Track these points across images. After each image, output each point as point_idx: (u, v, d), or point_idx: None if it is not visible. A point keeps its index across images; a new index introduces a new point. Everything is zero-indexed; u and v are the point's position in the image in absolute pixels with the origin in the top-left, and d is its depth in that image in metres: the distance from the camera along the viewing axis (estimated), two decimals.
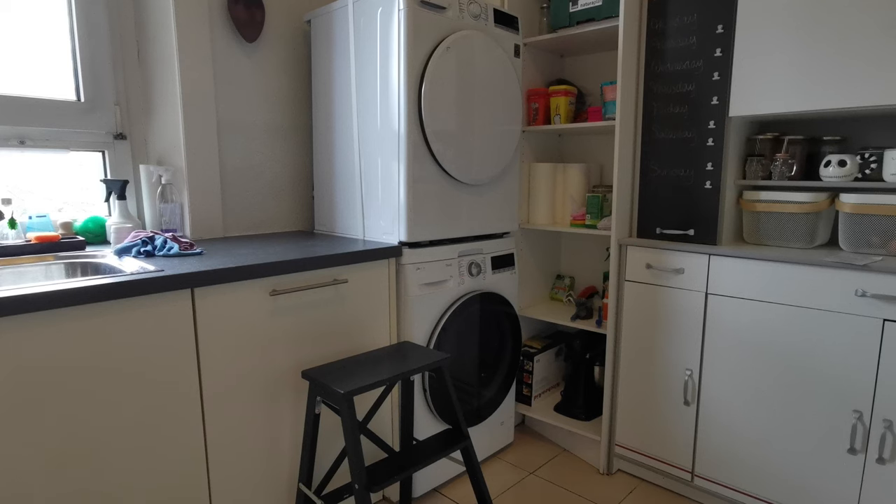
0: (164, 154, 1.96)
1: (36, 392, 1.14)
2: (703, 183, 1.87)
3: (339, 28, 1.95)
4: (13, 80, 1.74)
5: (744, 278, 1.74)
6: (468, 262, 2.00)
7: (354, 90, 1.93)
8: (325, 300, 1.66)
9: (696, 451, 1.91)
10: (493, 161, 2.03)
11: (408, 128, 1.74)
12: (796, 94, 1.66)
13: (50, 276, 1.59)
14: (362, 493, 1.37)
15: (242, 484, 1.52)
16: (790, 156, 1.86)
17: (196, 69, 1.88)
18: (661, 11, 1.91)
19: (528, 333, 2.54)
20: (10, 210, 1.65)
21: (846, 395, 1.58)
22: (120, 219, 1.80)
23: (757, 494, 1.78)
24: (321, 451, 1.69)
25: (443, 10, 1.79)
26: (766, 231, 1.84)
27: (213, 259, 1.51)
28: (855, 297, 1.54)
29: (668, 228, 1.97)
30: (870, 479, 1.57)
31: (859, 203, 1.64)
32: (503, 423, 2.27)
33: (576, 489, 2.03)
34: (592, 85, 2.49)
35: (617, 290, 2.04)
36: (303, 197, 2.31)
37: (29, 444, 1.14)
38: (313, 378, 1.48)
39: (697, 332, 1.86)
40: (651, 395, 2.00)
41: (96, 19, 1.86)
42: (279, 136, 2.20)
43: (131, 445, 1.29)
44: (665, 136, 1.94)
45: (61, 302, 1.13)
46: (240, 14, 1.99)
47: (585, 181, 2.36)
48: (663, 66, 1.92)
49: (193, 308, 1.36)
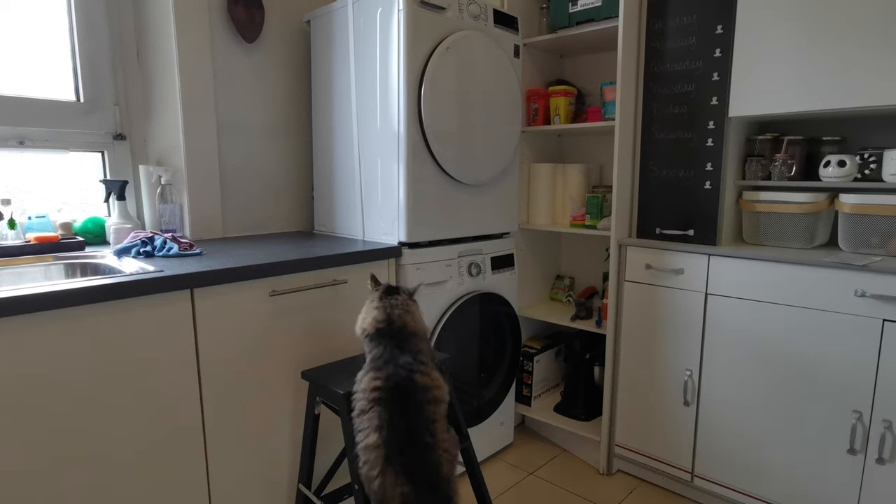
0: (164, 154, 1.96)
1: (35, 392, 1.14)
2: (703, 183, 1.87)
3: (339, 28, 1.95)
4: (13, 80, 1.74)
5: (743, 278, 1.74)
6: (468, 262, 2.00)
7: (354, 90, 1.93)
8: (325, 300, 1.66)
9: (696, 451, 1.91)
10: (493, 161, 2.03)
11: (407, 128, 1.74)
12: (796, 95, 1.66)
13: (49, 276, 1.59)
14: (362, 494, 1.37)
15: (242, 484, 1.52)
16: (790, 156, 1.86)
17: (196, 69, 1.88)
18: (660, 12, 1.91)
19: (527, 334, 2.54)
20: (9, 210, 1.65)
21: (846, 396, 1.58)
22: (119, 219, 1.80)
23: (757, 494, 1.78)
24: (321, 452, 1.69)
25: (442, 11, 1.79)
26: (766, 231, 1.84)
27: (212, 259, 1.51)
28: (854, 298, 1.54)
29: (667, 229, 1.97)
30: (870, 479, 1.57)
31: (859, 203, 1.64)
32: (503, 423, 2.27)
33: (576, 489, 2.03)
34: (592, 85, 2.49)
35: (617, 290, 2.04)
36: (302, 197, 2.31)
37: (28, 444, 1.14)
38: (313, 378, 1.48)
39: (697, 333, 1.86)
40: (651, 395, 2.00)
41: (96, 19, 1.86)
42: (279, 136, 2.20)
43: (131, 446, 1.29)
44: (665, 136, 1.94)
45: (61, 302, 1.13)
46: (239, 14, 1.99)
47: (585, 181, 2.36)
48: (663, 66, 1.92)
49: (193, 308, 1.36)
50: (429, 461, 1.16)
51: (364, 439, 1.20)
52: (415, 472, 1.15)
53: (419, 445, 1.17)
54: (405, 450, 1.16)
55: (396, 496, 1.13)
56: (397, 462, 1.15)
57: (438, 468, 1.17)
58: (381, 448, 1.16)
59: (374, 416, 1.19)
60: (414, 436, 1.17)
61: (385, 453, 1.16)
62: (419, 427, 1.18)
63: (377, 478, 1.16)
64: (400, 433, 1.17)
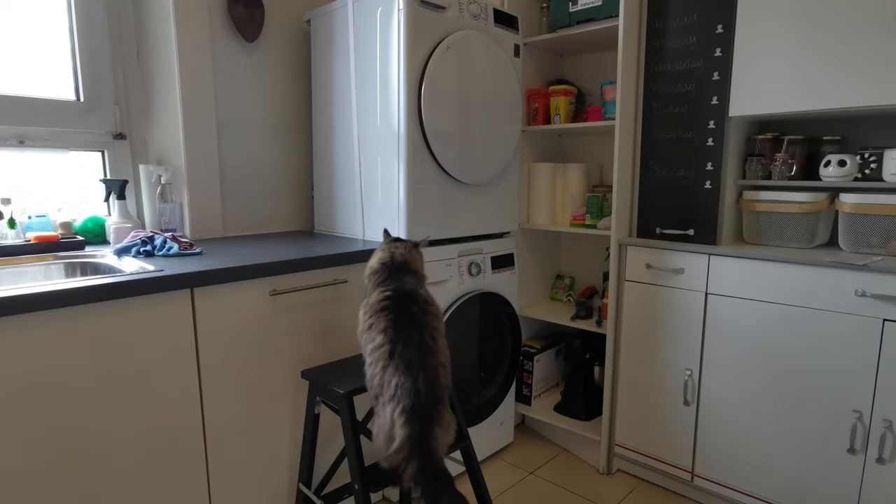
0: (164, 154, 1.96)
1: (35, 392, 1.14)
2: (703, 183, 1.87)
3: (339, 28, 1.95)
4: (13, 79, 1.74)
5: (744, 278, 1.74)
6: (468, 261, 2.00)
7: (354, 90, 1.93)
8: (325, 300, 1.66)
9: (696, 450, 1.91)
10: (493, 161, 2.03)
11: (407, 128, 1.74)
12: (796, 94, 1.66)
13: (49, 276, 1.59)
14: (362, 493, 1.37)
15: (242, 484, 1.52)
16: (790, 156, 1.86)
17: (196, 69, 1.88)
18: (660, 11, 1.91)
19: (527, 333, 2.54)
20: (9, 210, 1.65)
21: (846, 395, 1.58)
22: (119, 219, 1.80)
23: (757, 494, 1.78)
24: (321, 451, 1.69)
25: (443, 10, 1.79)
26: (766, 231, 1.84)
27: (212, 259, 1.51)
28: (855, 297, 1.54)
29: (667, 228, 1.97)
30: (869, 478, 1.57)
31: (859, 203, 1.64)
32: (503, 422, 2.27)
33: (576, 489, 2.03)
34: (592, 85, 2.49)
35: (617, 289, 2.04)
36: (302, 197, 2.31)
37: (28, 443, 1.14)
38: (313, 378, 1.48)
39: (697, 332, 1.86)
40: (651, 394, 2.00)
41: (96, 19, 1.86)
42: (279, 135, 2.20)
43: (130, 445, 1.29)
44: (665, 135, 1.94)
45: (61, 302, 1.13)
46: (239, 14, 1.99)
47: (585, 181, 2.36)
48: (663, 65, 1.92)
49: (193, 308, 1.36)
50: (429, 363, 1.21)
51: (370, 343, 1.26)
52: (413, 365, 1.19)
53: (421, 345, 1.22)
54: (407, 346, 1.21)
55: (392, 388, 1.17)
56: (399, 356, 1.20)
57: (436, 372, 1.21)
58: (385, 346, 1.22)
59: (381, 319, 1.26)
60: (416, 334, 1.24)
61: (389, 350, 1.21)
62: (421, 327, 1.25)
63: (379, 373, 1.21)
64: (403, 330, 1.23)
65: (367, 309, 1.32)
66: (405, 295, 1.30)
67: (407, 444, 1.13)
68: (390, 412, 1.16)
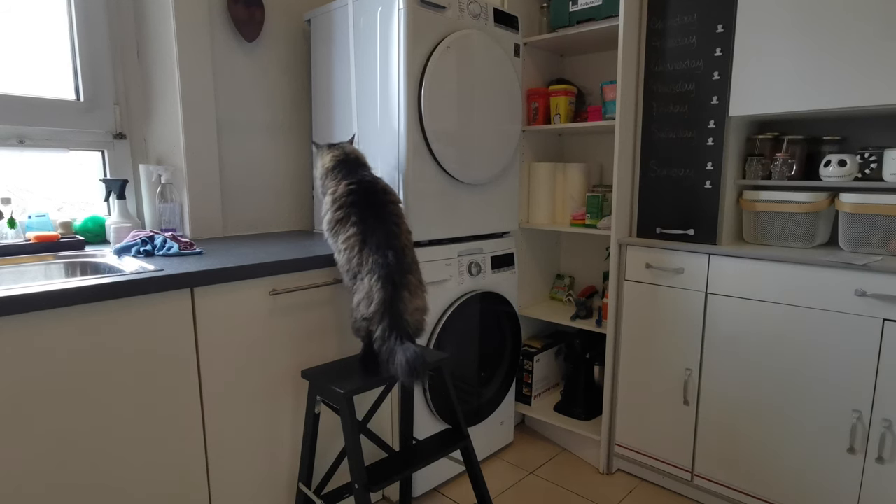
0: (164, 153, 1.96)
1: (35, 391, 1.14)
2: (703, 182, 1.87)
3: (339, 27, 1.95)
4: (13, 79, 1.74)
5: (744, 278, 1.74)
6: (468, 261, 2.00)
7: (354, 90, 1.92)
8: (325, 300, 1.66)
9: (696, 450, 1.91)
10: (493, 161, 2.03)
11: (407, 127, 1.74)
12: (796, 94, 1.66)
13: (49, 275, 1.59)
14: (362, 493, 1.37)
15: (242, 484, 1.52)
16: (790, 155, 1.85)
17: (196, 68, 1.88)
18: (661, 11, 1.90)
19: (527, 333, 2.54)
20: (9, 209, 1.65)
21: (846, 395, 1.58)
22: (119, 218, 1.80)
23: (756, 494, 1.78)
24: (321, 451, 1.69)
25: (443, 10, 1.79)
26: (766, 231, 1.84)
27: (212, 259, 1.51)
28: (855, 297, 1.54)
29: (667, 228, 1.97)
30: (869, 478, 1.57)
31: (859, 203, 1.64)
32: (503, 422, 2.27)
33: (575, 489, 2.03)
34: (592, 84, 2.48)
35: (617, 289, 2.04)
36: (302, 196, 2.31)
37: (28, 443, 1.14)
38: (313, 378, 1.48)
39: (697, 332, 1.86)
40: (651, 394, 2.00)
41: (96, 19, 1.86)
42: (279, 135, 2.20)
43: (131, 445, 1.29)
44: (665, 135, 1.94)
45: (61, 302, 1.13)
46: (239, 13, 1.99)
47: (585, 181, 2.36)
48: (663, 65, 1.92)
49: (193, 308, 1.36)
50: (394, 245, 1.42)
51: (343, 233, 1.46)
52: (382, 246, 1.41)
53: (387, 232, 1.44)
54: (375, 234, 1.43)
55: (370, 264, 1.39)
56: (371, 242, 1.42)
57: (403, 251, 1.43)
58: (358, 235, 1.43)
59: (352, 213, 1.46)
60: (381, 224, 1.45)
61: (362, 238, 1.42)
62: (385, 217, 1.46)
63: (356, 255, 1.42)
64: (371, 221, 1.45)
65: (335, 198, 1.51)
66: (367, 185, 1.52)
67: (382, 306, 1.35)
68: (369, 281, 1.38)
